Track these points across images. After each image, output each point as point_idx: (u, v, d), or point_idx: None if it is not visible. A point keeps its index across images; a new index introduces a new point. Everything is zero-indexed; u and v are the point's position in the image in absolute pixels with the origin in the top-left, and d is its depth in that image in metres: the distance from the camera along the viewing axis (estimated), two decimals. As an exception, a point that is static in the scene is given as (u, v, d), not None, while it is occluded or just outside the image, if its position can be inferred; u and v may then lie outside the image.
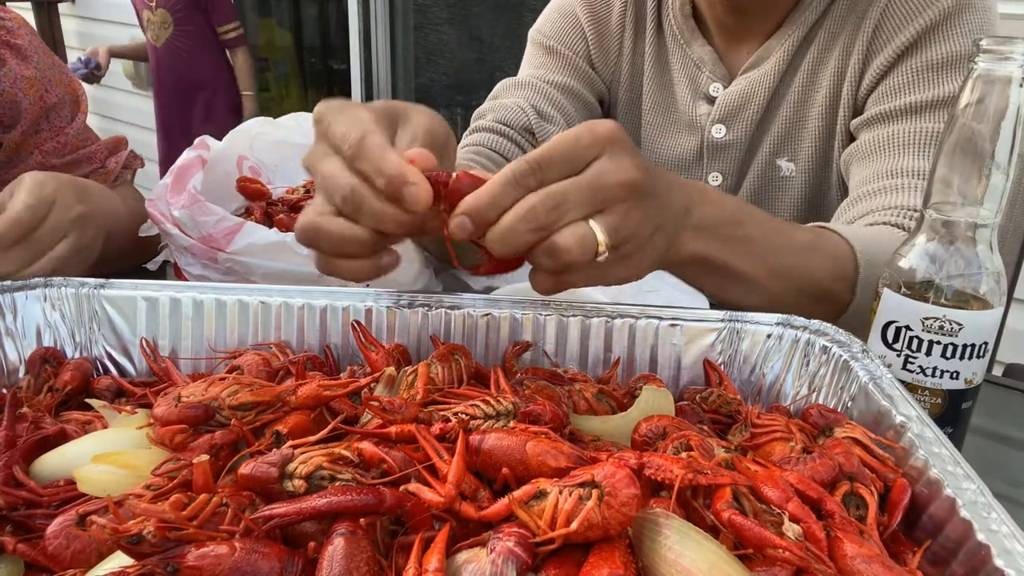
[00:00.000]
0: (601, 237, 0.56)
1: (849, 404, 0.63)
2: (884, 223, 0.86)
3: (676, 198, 0.65)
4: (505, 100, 1.12)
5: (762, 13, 1.04)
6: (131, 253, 1.05)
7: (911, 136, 0.91)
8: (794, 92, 1.05)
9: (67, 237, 0.87)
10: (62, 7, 4.02)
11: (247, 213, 1.10)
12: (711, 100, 1.11)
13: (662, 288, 1.03)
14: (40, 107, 1.13)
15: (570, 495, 0.42)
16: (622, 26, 1.16)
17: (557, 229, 0.56)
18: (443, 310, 0.72)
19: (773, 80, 1.05)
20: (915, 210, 0.85)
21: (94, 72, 3.42)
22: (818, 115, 1.04)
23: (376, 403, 0.54)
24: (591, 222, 0.56)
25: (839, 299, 0.78)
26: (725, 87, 1.09)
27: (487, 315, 0.72)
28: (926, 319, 0.62)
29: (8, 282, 0.72)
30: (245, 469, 0.46)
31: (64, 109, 1.17)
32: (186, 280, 0.93)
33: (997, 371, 1.45)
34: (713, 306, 0.81)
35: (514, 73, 1.23)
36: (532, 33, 1.21)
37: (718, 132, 1.11)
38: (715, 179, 1.14)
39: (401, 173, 0.55)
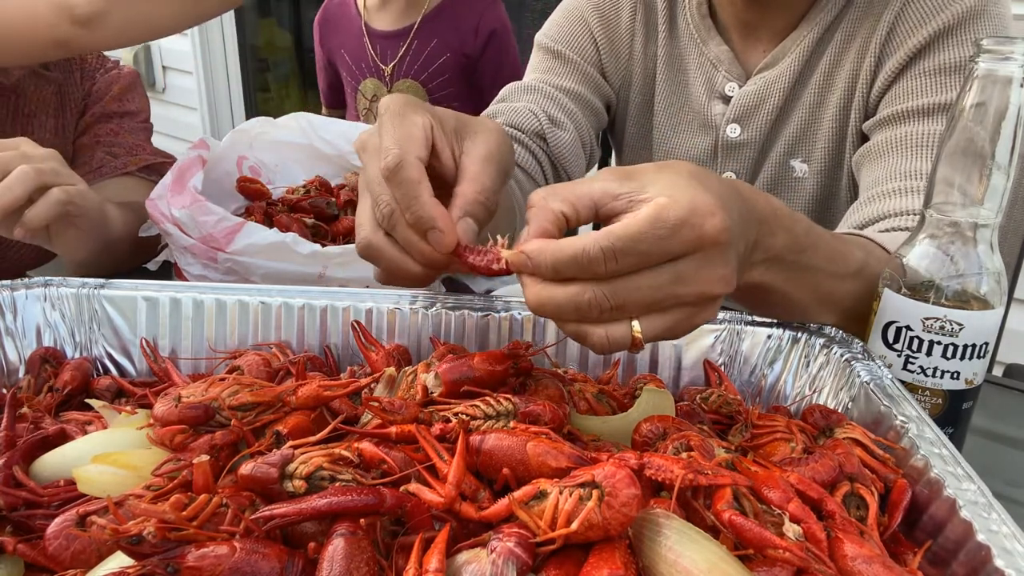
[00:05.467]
0: (638, 335, 0.50)
1: (849, 404, 0.63)
2: (906, 228, 0.85)
3: (748, 232, 0.57)
4: (515, 104, 1.10)
5: (781, 8, 1.04)
6: (131, 253, 1.05)
7: (923, 138, 0.91)
8: (810, 93, 1.05)
9: (78, 184, 0.91)
10: (62, 7, 4.02)
11: (247, 213, 1.10)
12: (726, 99, 1.11)
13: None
14: (118, 104, 1.26)
15: (570, 495, 0.42)
16: (632, 29, 1.15)
17: (595, 323, 0.50)
18: (443, 310, 0.72)
19: (789, 80, 1.05)
20: None
21: None
22: (832, 116, 1.04)
23: (376, 403, 0.54)
24: (635, 322, 0.50)
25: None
26: (741, 87, 1.09)
27: (487, 315, 0.72)
28: (926, 319, 0.62)
29: (8, 281, 0.72)
30: (245, 469, 0.46)
31: (136, 119, 1.29)
32: (186, 280, 0.93)
33: (997, 371, 1.45)
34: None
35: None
36: (539, 37, 1.19)
37: (733, 132, 1.10)
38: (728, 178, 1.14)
39: (430, 217, 0.56)
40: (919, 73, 0.95)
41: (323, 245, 0.93)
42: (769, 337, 0.70)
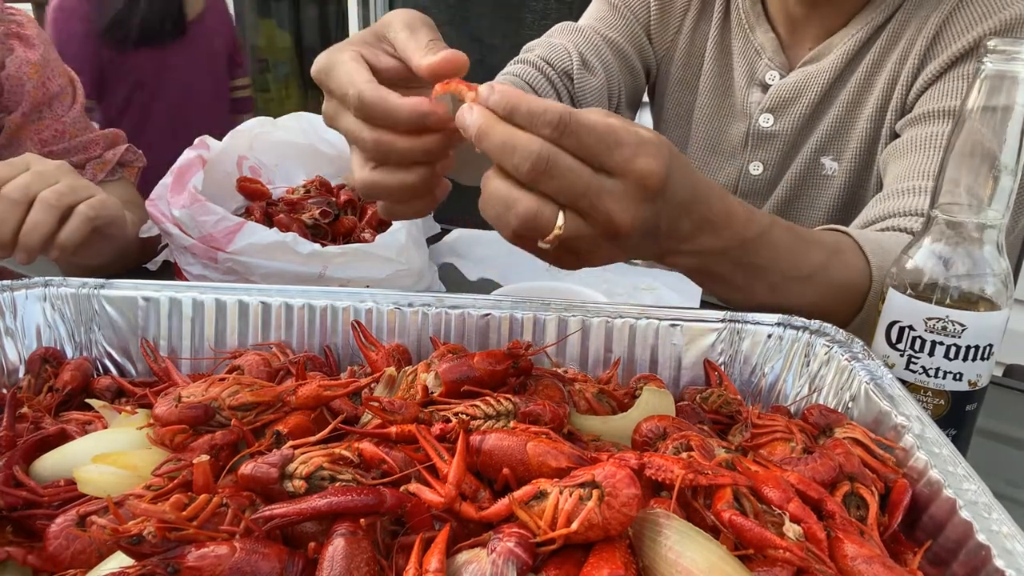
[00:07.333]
0: (558, 231, 0.53)
1: (850, 404, 0.63)
2: (905, 229, 0.85)
3: (682, 227, 0.61)
4: (554, 40, 1.14)
5: (833, 10, 1.04)
6: (138, 253, 1.06)
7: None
8: (848, 92, 1.05)
9: (97, 194, 0.90)
10: (62, 7, 4.01)
11: (247, 213, 1.10)
12: (765, 88, 1.11)
13: (657, 287, 1.03)
14: (43, 92, 1.16)
15: (570, 495, 0.42)
16: (687, 4, 1.17)
17: (527, 190, 0.52)
18: (443, 310, 0.72)
19: (830, 76, 1.05)
20: None
21: None
22: (868, 117, 1.04)
23: (376, 403, 0.54)
24: (561, 212, 0.53)
25: (845, 311, 0.77)
26: (782, 77, 1.09)
27: (487, 315, 0.72)
28: (929, 319, 0.62)
29: (8, 281, 0.72)
30: (245, 469, 0.46)
31: (66, 99, 1.19)
32: (186, 280, 0.93)
33: (997, 371, 1.45)
34: (711, 306, 0.80)
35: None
36: None
37: (765, 121, 1.10)
38: (756, 168, 1.14)
39: (415, 111, 0.56)
40: (959, 75, 0.94)
41: (323, 245, 0.93)
42: (769, 337, 0.70)
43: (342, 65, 0.58)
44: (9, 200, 0.85)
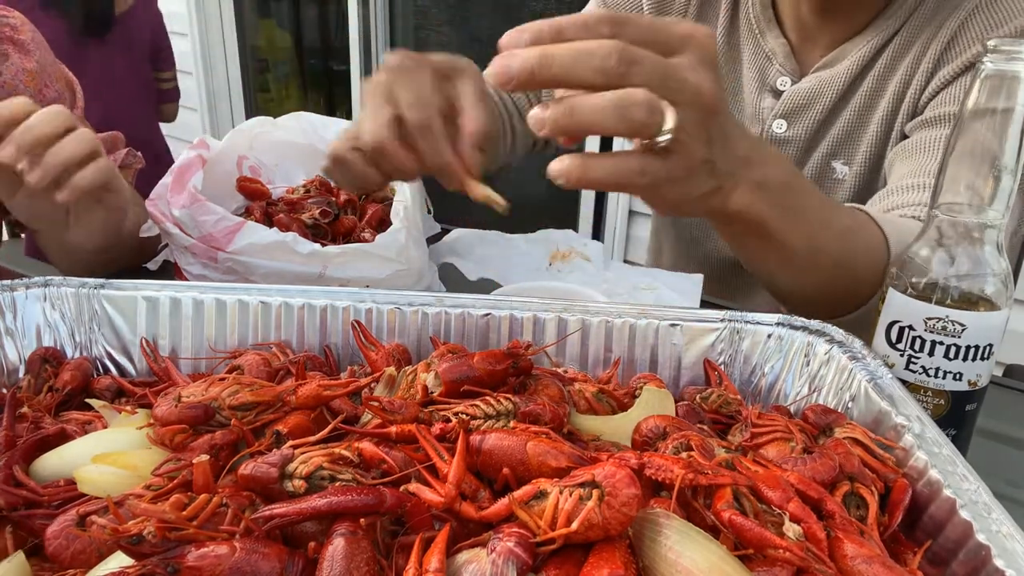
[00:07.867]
0: (670, 119, 0.51)
1: (849, 404, 0.63)
2: (916, 217, 0.85)
3: (740, 146, 0.61)
4: None
5: (847, 17, 1.04)
6: (135, 251, 1.05)
7: None
8: (860, 96, 1.05)
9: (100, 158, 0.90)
10: (62, 7, 4.01)
11: (247, 213, 1.10)
12: (777, 94, 1.10)
13: (657, 287, 1.03)
14: (39, 100, 1.14)
15: (570, 495, 0.42)
16: (685, 12, 1.16)
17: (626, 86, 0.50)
18: (443, 310, 0.72)
19: (844, 82, 1.04)
20: None
21: None
22: (879, 120, 1.04)
23: (376, 403, 0.54)
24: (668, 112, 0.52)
25: (866, 290, 0.77)
26: (793, 83, 1.09)
27: (487, 315, 0.72)
28: (929, 319, 0.62)
29: (8, 281, 0.72)
30: (245, 469, 0.46)
31: (64, 104, 1.17)
32: (186, 280, 0.93)
33: (997, 371, 1.45)
34: (711, 306, 0.80)
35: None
36: None
37: (779, 127, 1.10)
38: None
39: (410, 171, 0.66)
40: (970, 80, 0.94)
41: (323, 245, 0.93)
42: (769, 337, 0.70)
43: (423, 81, 0.65)
44: (53, 111, 0.85)
